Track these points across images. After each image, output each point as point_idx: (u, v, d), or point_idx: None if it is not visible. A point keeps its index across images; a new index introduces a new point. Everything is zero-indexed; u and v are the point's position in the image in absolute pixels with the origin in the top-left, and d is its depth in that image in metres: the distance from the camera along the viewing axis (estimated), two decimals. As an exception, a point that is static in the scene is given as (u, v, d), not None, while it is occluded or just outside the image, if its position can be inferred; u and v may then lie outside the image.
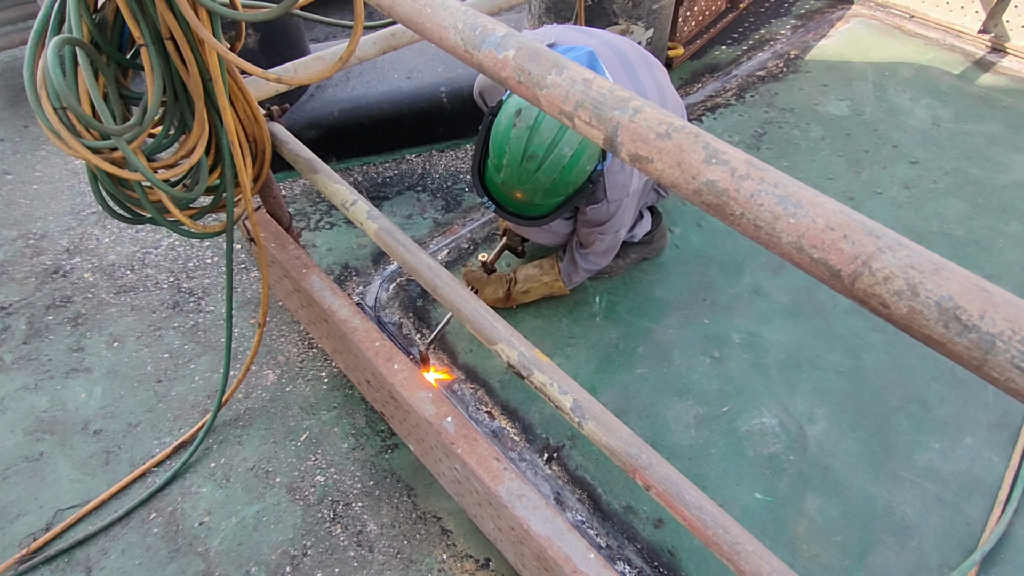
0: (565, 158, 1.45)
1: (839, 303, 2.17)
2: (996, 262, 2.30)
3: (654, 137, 0.60)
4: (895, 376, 1.97)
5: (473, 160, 1.66)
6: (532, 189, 1.49)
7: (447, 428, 1.44)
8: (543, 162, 1.46)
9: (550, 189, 1.48)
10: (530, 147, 1.45)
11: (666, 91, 1.85)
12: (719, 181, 0.56)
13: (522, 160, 1.48)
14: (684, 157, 0.58)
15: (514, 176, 1.50)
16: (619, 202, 1.75)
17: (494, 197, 1.64)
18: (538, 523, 1.29)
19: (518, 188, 1.51)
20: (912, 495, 1.72)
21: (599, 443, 1.13)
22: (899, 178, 2.62)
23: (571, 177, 1.47)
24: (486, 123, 1.63)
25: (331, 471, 1.81)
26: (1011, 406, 1.90)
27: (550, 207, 1.58)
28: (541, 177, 1.47)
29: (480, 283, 2.09)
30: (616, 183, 1.72)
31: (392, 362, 1.57)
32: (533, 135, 1.46)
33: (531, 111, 1.48)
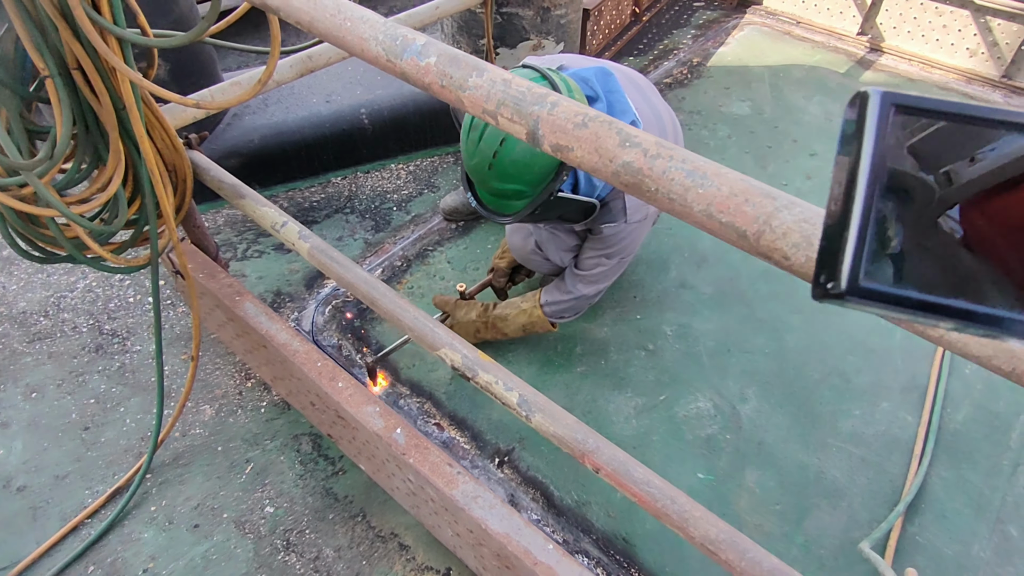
0: (501, 132, 1.45)
1: (759, 290, 2.31)
2: (892, 240, 2.50)
3: (572, 127, 0.65)
4: (815, 352, 2.11)
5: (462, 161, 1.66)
6: (481, 167, 1.46)
7: (397, 440, 1.45)
8: (484, 131, 1.47)
9: (502, 173, 1.47)
10: (475, 118, 1.47)
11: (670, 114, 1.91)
12: (634, 162, 0.62)
13: (468, 132, 1.50)
14: (600, 143, 0.64)
15: (467, 153, 1.52)
16: (638, 224, 1.75)
17: (477, 196, 1.65)
18: (495, 521, 1.31)
19: (473, 169, 1.52)
20: (840, 459, 1.84)
21: (547, 433, 1.17)
22: (801, 170, 2.82)
23: (521, 156, 1.46)
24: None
25: (280, 500, 1.77)
26: (918, 370, 2.07)
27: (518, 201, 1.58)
28: (484, 148, 1.47)
29: (451, 307, 2.03)
30: (636, 203, 1.71)
31: (336, 381, 1.56)
32: None
33: None
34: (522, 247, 1.98)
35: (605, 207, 1.72)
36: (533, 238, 1.94)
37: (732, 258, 2.42)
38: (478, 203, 1.66)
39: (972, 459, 1.85)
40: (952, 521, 1.72)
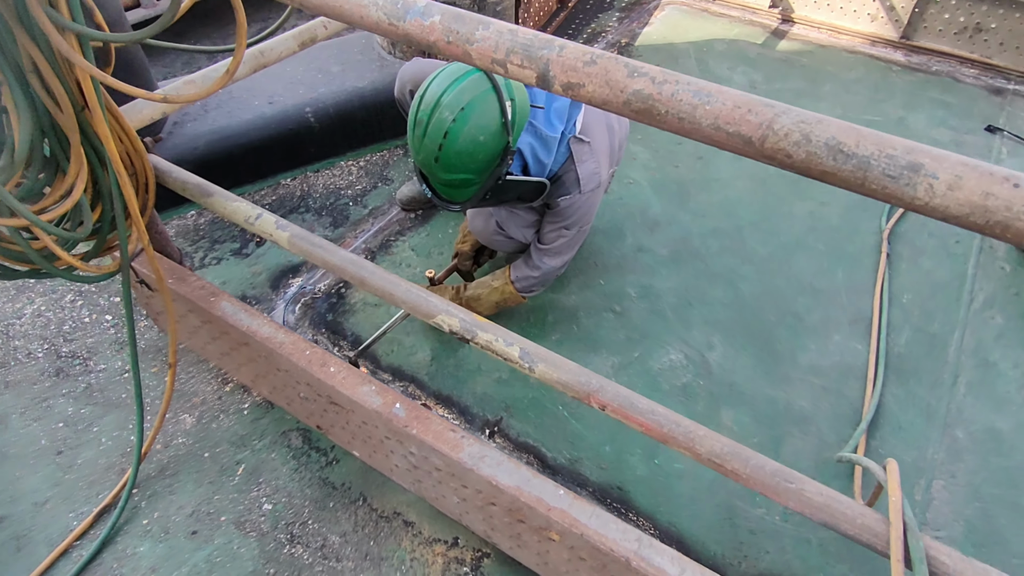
0: (446, 122, 1.48)
1: (711, 247, 2.44)
2: (825, 190, 2.69)
3: (582, 65, 0.72)
4: (768, 297, 2.26)
5: None
6: (428, 160, 1.53)
7: (398, 414, 1.48)
8: (427, 127, 1.50)
9: (449, 164, 1.53)
10: (418, 114, 1.51)
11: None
12: (644, 89, 0.69)
13: (413, 128, 1.54)
14: (610, 76, 0.70)
15: (414, 149, 1.56)
16: (592, 192, 1.82)
17: (431, 187, 1.67)
18: (505, 476, 1.37)
19: (422, 162, 1.56)
20: (803, 390, 1.99)
21: (551, 380, 1.24)
22: (734, 134, 2.98)
23: (465, 147, 1.50)
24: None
25: (278, 496, 1.77)
26: (862, 304, 2.25)
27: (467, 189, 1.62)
28: (428, 144, 1.50)
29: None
30: (588, 173, 1.78)
31: (327, 366, 1.58)
32: (420, 103, 1.52)
33: (424, 84, 1.55)
34: (484, 229, 2.04)
35: (558, 181, 1.80)
36: (494, 219, 2.00)
37: (682, 219, 2.55)
38: (433, 194, 1.70)
39: (918, 376, 2.03)
40: (907, 431, 1.89)
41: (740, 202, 2.64)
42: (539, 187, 1.73)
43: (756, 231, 2.52)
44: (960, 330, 2.18)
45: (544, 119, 1.66)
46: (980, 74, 3.45)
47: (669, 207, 2.61)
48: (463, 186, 1.60)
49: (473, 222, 2.04)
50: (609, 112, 1.94)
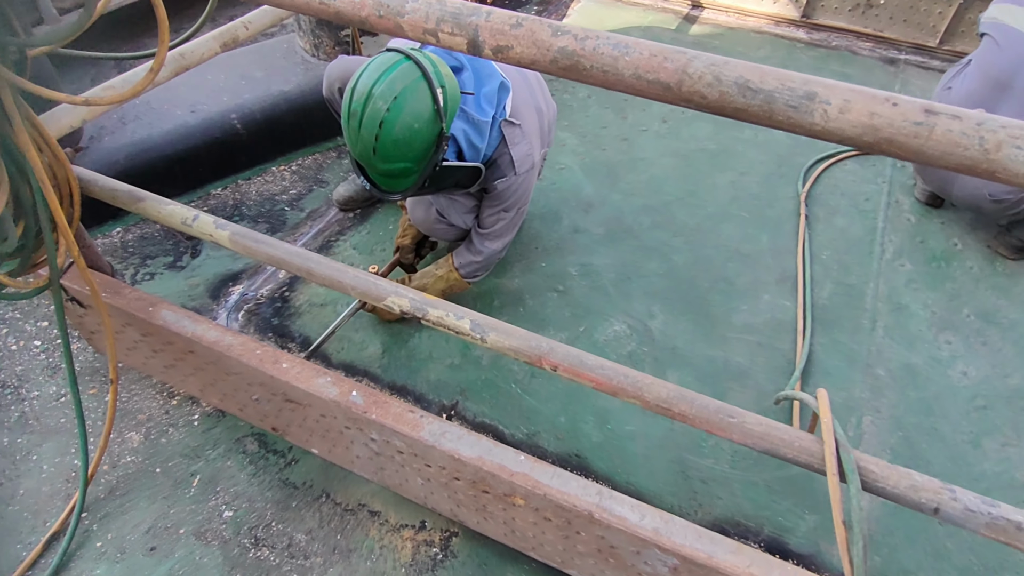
0: (381, 112, 1.49)
1: (643, 223, 2.55)
2: (743, 162, 2.85)
3: (509, 28, 0.76)
4: (700, 265, 2.38)
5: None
6: (366, 152, 1.54)
7: (356, 401, 1.49)
8: (362, 118, 1.51)
9: (387, 154, 1.55)
10: (351, 106, 1.53)
11: (536, 75, 2.04)
12: (568, 45, 0.74)
13: (348, 120, 1.55)
14: (536, 37, 0.75)
15: (351, 141, 1.57)
16: (527, 174, 1.86)
17: (369, 179, 1.68)
18: (467, 448, 1.41)
19: (360, 155, 1.58)
20: (739, 348, 2.11)
21: (503, 348, 1.28)
22: (657, 115, 3.11)
23: (401, 136, 1.52)
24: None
25: (238, 502, 1.74)
26: (786, 264, 2.39)
27: (406, 178, 1.64)
28: (365, 135, 1.51)
29: None
30: (521, 155, 1.82)
31: (280, 363, 1.57)
32: (352, 95, 1.54)
33: (354, 77, 1.56)
34: (425, 218, 2.06)
35: (493, 165, 1.85)
36: (434, 208, 2.03)
37: (614, 199, 2.64)
38: (372, 186, 1.72)
39: (840, 325, 2.18)
40: (836, 375, 2.03)
41: (666, 179, 2.76)
42: (475, 172, 1.77)
43: (683, 205, 2.64)
44: (875, 280, 2.35)
45: (475, 105, 1.70)
46: (874, 47, 3.71)
47: (600, 188, 2.70)
48: (402, 175, 1.63)
49: (413, 213, 2.07)
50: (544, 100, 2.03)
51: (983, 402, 1.99)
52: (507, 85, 1.77)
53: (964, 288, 2.34)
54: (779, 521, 1.71)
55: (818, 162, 2.84)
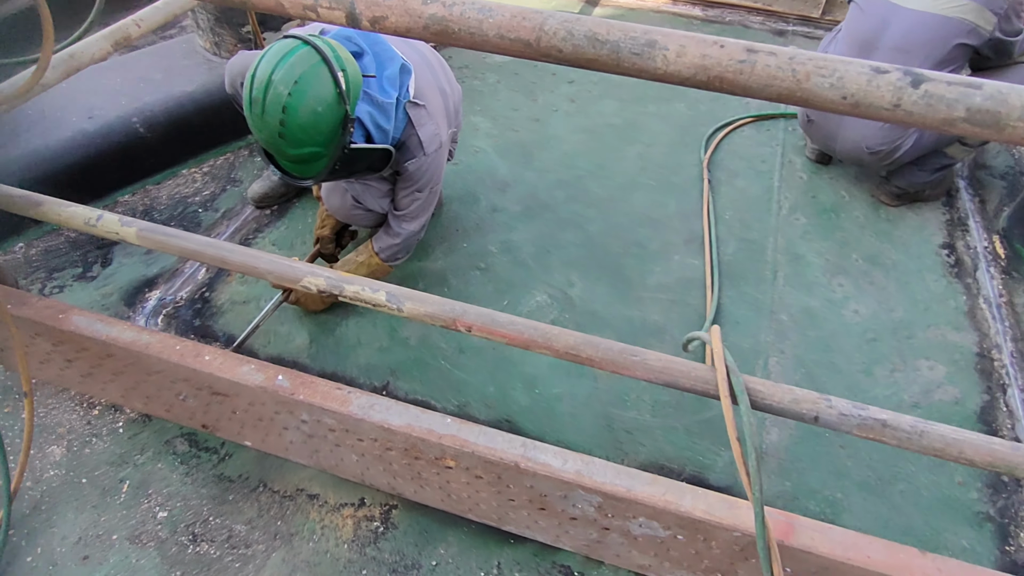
0: (283, 97, 1.51)
1: (557, 197, 2.64)
2: (649, 134, 2.99)
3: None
4: (613, 233, 2.49)
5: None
6: (273, 138, 1.56)
7: (283, 384, 1.52)
8: (264, 104, 1.53)
9: (294, 139, 1.57)
10: (252, 93, 1.54)
11: (437, 57, 2.12)
12: (437, 12, 0.80)
13: (250, 108, 1.56)
14: (408, 5, 0.81)
15: (256, 129, 1.58)
16: (436, 153, 1.90)
17: (279, 166, 1.69)
18: (395, 417, 1.46)
19: (266, 141, 1.59)
20: (655, 307, 2.23)
21: (419, 315, 1.33)
22: (565, 96, 3.21)
23: (306, 120, 1.54)
24: None
25: (172, 503, 1.73)
26: (693, 226, 2.53)
27: (316, 163, 1.65)
28: (269, 120, 1.53)
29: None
30: (429, 135, 1.86)
31: (201, 356, 1.58)
32: (252, 83, 1.55)
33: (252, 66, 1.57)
34: (342, 206, 2.09)
35: (402, 147, 1.89)
36: (349, 194, 2.06)
37: (528, 177, 2.73)
38: (283, 173, 1.73)
39: (745, 277, 2.34)
40: (743, 324, 2.19)
41: (577, 154, 2.87)
42: (385, 154, 1.81)
43: (595, 178, 2.75)
44: (773, 234, 2.53)
45: (378, 87, 1.74)
46: (765, 20, 3.93)
47: (515, 168, 2.78)
48: (312, 160, 1.65)
49: (329, 201, 2.09)
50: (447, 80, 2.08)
51: (873, 335, 2.19)
52: (408, 67, 1.82)
53: (852, 235, 2.55)
54: (699, 460, 1.84)
55: (717, 130, 3.01)
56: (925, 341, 2.18)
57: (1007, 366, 2.10)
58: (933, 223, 2.63)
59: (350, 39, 1.73)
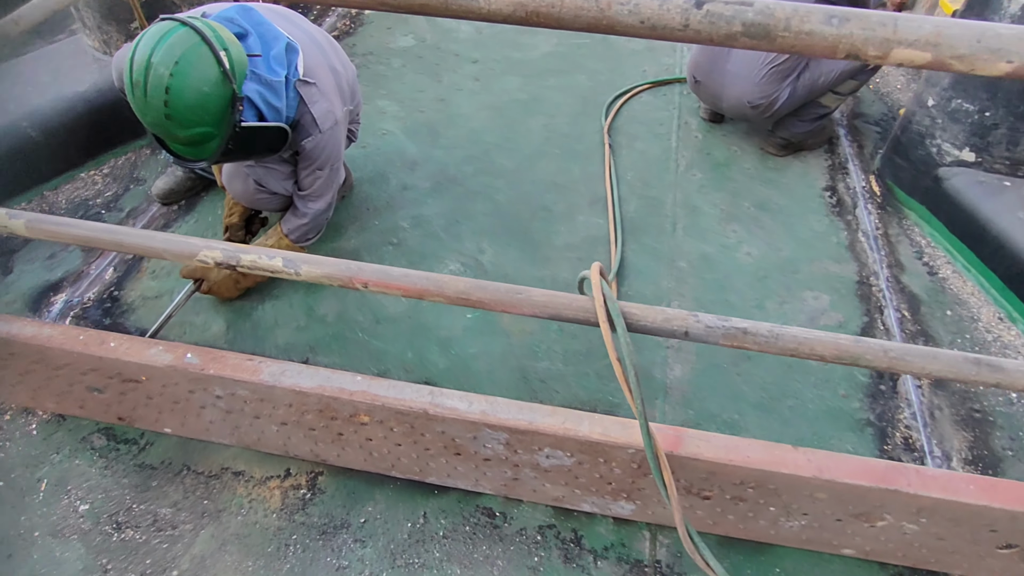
0: (164, 78, 1.53)
1: (466, 171, 2.72)
2: (551, 106, 3.10)
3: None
4: (520, 200, 2.59)
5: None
6: (159, 120, 1.57)
7: (192, 361, 1.54)
8: (146, 87, 1.54)
9: (181, 120, 1.58)
10: (133, 77, 1.55)
11: (324, 35, 2.12)
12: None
13: (132, 92, 1.57)
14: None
15: (141, 113, 1.59)
16: (331, 130, 1.93)
17: (170, 149, 1.69)
18: (306, 380, 1.51)
19: (153, 124, 1.60)
20: (563, 265, 2.34)
21: (316, 277, 1.38)
22: (469, 75, 3.29)
23: (192, 100, 1.56)
24: None
25: (93, 495, 1.73)
26: (596, 188, 2.66)
27: (209, 143, 1.67)
28: (153, 103, 1.54)
29: (203, 271, 2.06)
30: (322, 112, 1.89)
31: (107, 343, 1.59)
32: (131, 67, 1.56)
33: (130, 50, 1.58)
34: (244, 191, 2.10)
35: (298, 126, 1.92)
36: (251, 179, 2.08)
37: (437, 155, 2.79)
38: (176, 157, 1.74)
39: (646, 231, 2.48)
40: (646, 274, 2.32)
41: (484, 130, 2.95)
42: (281, 134, 1.84)
43: (501, 151, 2.84)
44: (672, 190, 2.67)
45: (264, 66, 1.76)
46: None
47: (423, 147, 2.84)
48: (203, 141, 1.67)
49: (232, 187, 2.10)
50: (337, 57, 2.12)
51: (763, 274, 2.36)
52: (295, 46, 1.85)
53: (743, 185, 2.72)
54: (609, 400, 1.96)
55: (616, 98, 3.14)
56: (810, 275, 2.36)
57: (884, 290, 2.31)
58: (816, 169, 2.83)
59: (232, 20, 1.75)
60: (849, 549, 1.60)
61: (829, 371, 2.06)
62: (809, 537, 1.59)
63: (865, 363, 1.27)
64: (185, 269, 2.08)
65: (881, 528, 1.50)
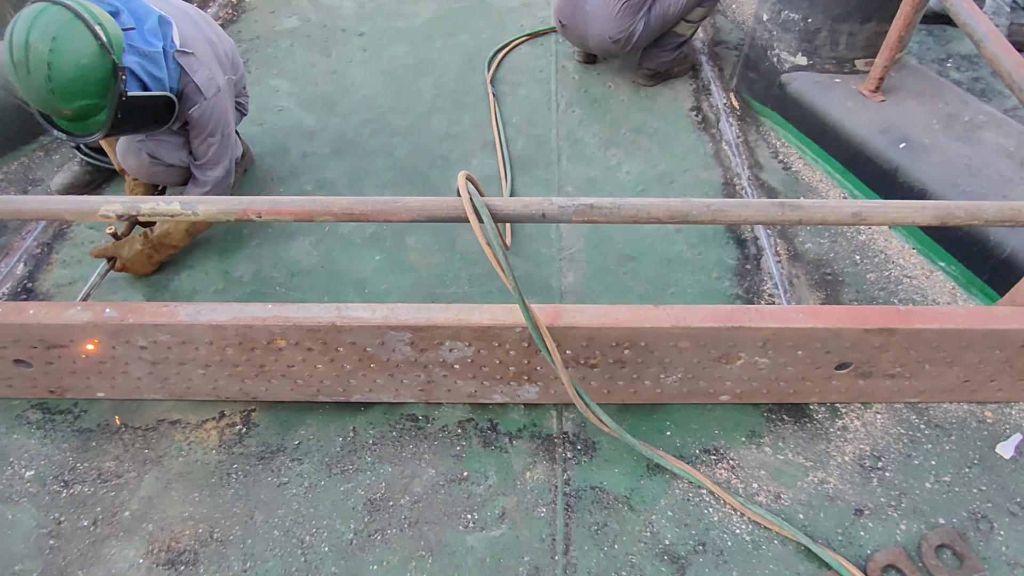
0: (44, 55, 1.62)
1: (363, 133, 2.87)
2: (439, 67, 3.27)
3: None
4: (419, 153, 2.76)
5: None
6: (44, 96, 1.67)
7: (111, 315, 1.66)
8: (28, 66, 1.63)
9: (65, 93, 1.68)
10: (14, 57, 1.64)
11: (196, 11, 2.20)
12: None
13: (15, 71, 1.66)
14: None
15: (26, 90, 1.68)
16: (216, 96, 2.03)
17: (60, 128, 1.78)
18: (221, 314, 1.65)
19: (39, 102, 1.69)
20: (460, 203, 2.52)
21: (213, 215, 1.52)
22: (357, 47, 3.42)
23: (73, 73, 1.65)
24: None
25: (36, 462, 1.82)
26: (486, 133, 2.85)
27: (96, 116, 1.76)
28: (36, 79, 1.63)
29: (114, 249, 2.13)
30: (204, 79, 2.00)
31: (25, 311, 1.68)
32: (11, 49, 1.64)
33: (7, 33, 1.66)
34: (139, 165, 2.20)
35: (182, 96, 2.03)
36: (144, 152, 2.17)
37: (334, 123, 2.93)
38: (65, 134, 1.83)
39: (535, 164, 2.70)
40: (536, 200, 2.53)
41: (377, 95, 3.09)
42: (168, 104, 1.95)
43: (396, 112, 2.99)
44: (555, 127, 2.90)
45: (140, 39, 1.87)
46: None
47: (320, 117, 2.97)
48: (91, 113, 1.76)
49: (127, 163, 2.19)
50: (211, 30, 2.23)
51: (642, 187, 2.61)
52: (167, 19, 1.96)
53: (619, 115, 2.97)
54: (512, 311, 2.17)
55: (498, 51, 3.34)
56: (683, 183, 2.63)
57: (745, 187, 2.59)
58: (683, 93, 3.11)
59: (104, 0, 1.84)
60: (725, 395, 1.87)
61: (703, 260, 2.32)
62: (690, 390, 1.84)
63: (693, 219, 1.52)
64: (95, 250, 2.16)
65: (741, 367, 1.76)
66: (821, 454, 1.80)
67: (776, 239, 2.39)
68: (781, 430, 1.86)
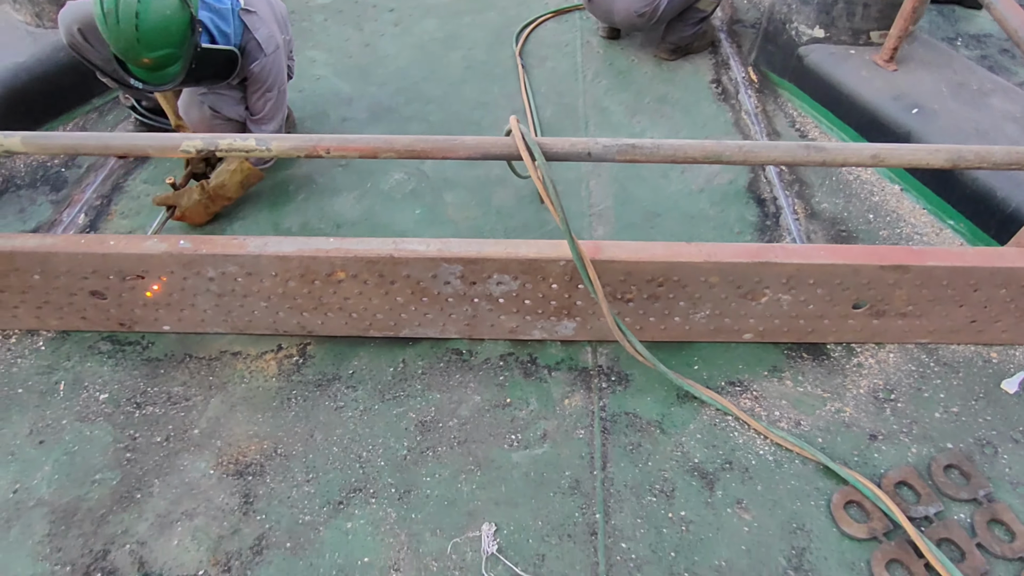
0: (133, 5, 1.77)
1: (398, 101, 3.01)
2: (469, 41, 3.41)
3: None
4: (452, 119, 2.92)
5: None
6: (130, 44, 1.82)
7: (185, 247, 1.80)
8: (118, 14, 1.78)
9: (150, 42, 1.83)
10: (104, 7, 1.79)
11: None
12: None
13: (105, 20, 1.81)
14: None
15: (113, 38, 1.83)
16: (275, 53, 2.17)
17: (137, 77, 1.93)
18: (287, 246, 1.79)
19: (124, 50, 1.84)
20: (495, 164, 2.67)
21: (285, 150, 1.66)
22: (389, 22, 3.56)
23: (158, 22, 1.80)
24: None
25: (110, 386, 1.96)
26: (516, 102, 2.98)
27: (173, 65, 1.92)
28: (124, 27, 1.78)
29: (175, 198, 2.28)
30: (265, 37, 2.14)
31: (106, 243, 1.82)
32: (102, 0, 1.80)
33: None
34: (201, 118, 2.34)
35: (245, 52, 2.18)
36: (206, 106, 2.32)
37: (370, 91, 3.07)
38: (142, 83, 1.98)
39: (563, 130, 2.84)
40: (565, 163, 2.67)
41: (410, 66, 3.23)
42: (231, 58, 2.09)
43: (429, 82, 3.13)
44: (582, 95, 3.03)
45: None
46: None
47: (357, 86, 3.11)
48: (167, 63, 1.91)
49: (189, 116, 2.33)
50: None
51: (666, 152, 2.74)
52: None
53: (644, 86, 3.11)
54: (546, 261, 2.30)
55: (524, 27, 3.47)
56: (705, 148, 2.76)
57: (764, 153, 2.73)
58: (703, 67, 3.24)
59: None
60: (748, 333, 2.01)
61: (724, 217, 2.46)
62: (716, 327, 1.98)
63: (726, 159, 1.66)
64: (158, 197, 2.31)
65: (765, 305, 1.90)
66: (838, 387, 1.94)
67: (794, 199, 2.52)
68: (800, 366, 1.99)
